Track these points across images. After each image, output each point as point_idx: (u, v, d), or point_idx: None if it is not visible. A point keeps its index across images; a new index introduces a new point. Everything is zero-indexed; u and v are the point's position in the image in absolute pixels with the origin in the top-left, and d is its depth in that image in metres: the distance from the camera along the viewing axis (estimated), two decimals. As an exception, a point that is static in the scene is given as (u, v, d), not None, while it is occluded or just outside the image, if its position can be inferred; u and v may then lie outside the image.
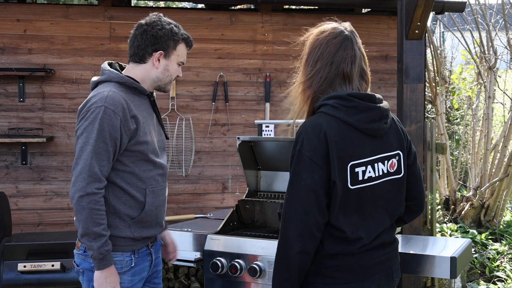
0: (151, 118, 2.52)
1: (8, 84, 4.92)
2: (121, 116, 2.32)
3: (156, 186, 2.48)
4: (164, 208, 2.59)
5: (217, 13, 5.26)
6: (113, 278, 2.35)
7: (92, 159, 2.28)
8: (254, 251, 2.86)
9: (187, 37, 2.52)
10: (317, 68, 2.02)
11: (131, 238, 2.42)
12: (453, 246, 2.79)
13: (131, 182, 2.40)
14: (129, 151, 2.38)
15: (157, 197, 2.49)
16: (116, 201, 2.38)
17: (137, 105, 2.42)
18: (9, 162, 4.91)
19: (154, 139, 2.49)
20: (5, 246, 3.84)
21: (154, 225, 2.51)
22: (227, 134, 5.24)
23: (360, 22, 5.28)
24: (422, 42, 3.90)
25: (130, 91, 2.43)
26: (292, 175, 1.94)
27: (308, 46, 2.07)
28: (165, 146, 2.62)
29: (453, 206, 6.90)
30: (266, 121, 5.18)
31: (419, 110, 3.86)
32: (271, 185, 3.45)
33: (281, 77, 5.30)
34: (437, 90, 6.90)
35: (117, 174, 2.37)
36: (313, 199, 1.91)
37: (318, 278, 1.98)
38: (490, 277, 5.31)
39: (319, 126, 1.93)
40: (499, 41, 7.31)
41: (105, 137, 2.29)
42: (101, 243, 2.29)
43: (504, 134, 6.64)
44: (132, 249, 2.44)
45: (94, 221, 2.28)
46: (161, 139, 2.59)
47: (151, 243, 2.55)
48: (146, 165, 2.43)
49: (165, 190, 2.57)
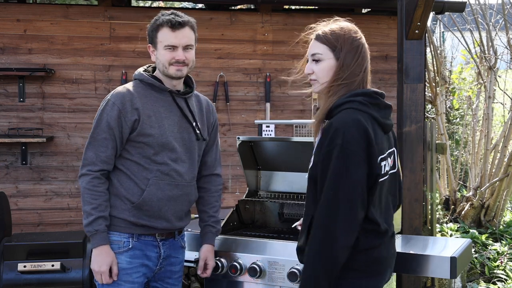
0: (172, 114, 2.58)
1: (8, 84, 4.92)
2: (120, 107, 2.49)
3: (163, 179, 2.55)
4: (174, 205, 2.60)
5: (217, 13, 5.26)
6: (103, 257, 2.48)
7: (89, 144, 2.52)
8: (254, 251, 2.86)
9: (167, 20, 2.56)
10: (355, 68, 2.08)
11: (128, 221, 2.53)
12: (453, 246, 2.79)
13: (135, 170, 2.54)
14: (134, 141, 2.52)
15: (162, 190, 2.55)
16: (119, 185, 2.54)
17: (151, 100, 2.54)
18: (9, 162, 4.91)
19: (168, 134, 2.54)
20: (5, 246, 3.84)
21: (156, 216, 2.56)
22: (227, 134, 5.24)
23: (360, 22, 5.22)
24: (422, 42, 3.90)
25: (149, 87, 2.57)
26: (336, 170, 1.95)
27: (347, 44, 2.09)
28: (195, 146, 2.65)
29: (453, 206, 6.90)
30: (266, 121, 5.18)
31: (419, 110, 3.86)
32: (271, 185, 3.45)
33: (281, 77, 5.30)
34: (437, 90, 6.90)
35: (123, 162, 2.55)
36: (359, 193, 1.96)
37: (350, 273, 2.02)
38: (490, 277, 5.31)
39: (359, 121, 1.98)
40: (499, 41, 7.30)
41: (103, 126, 2.50)
42: (89, 221, 2.47)
43: (504, 134, 6.63)
44: (129, 231, 2.55)
45: (84, 200, 2.49)
46: (187, 138, 2.62)
47: (159, 236, 2.61)
48: (153, 156, 2.52)
49: (178, 188, 2.59)
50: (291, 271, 2.72)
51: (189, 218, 2.76)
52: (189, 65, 2.59)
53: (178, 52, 2.54)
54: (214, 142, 2.81)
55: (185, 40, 2.57)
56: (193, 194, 2.70)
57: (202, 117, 2.72)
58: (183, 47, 2.55)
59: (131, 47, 5.03)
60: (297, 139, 3.31)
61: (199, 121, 2.67)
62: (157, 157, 2.53)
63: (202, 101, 2.76)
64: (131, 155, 2.54)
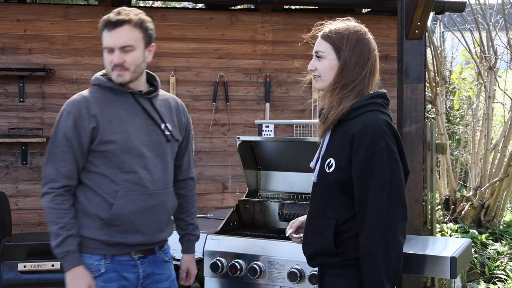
0: (136, 117, 2.35)
1: (8, 84, 4.92)
2: (75, 116, 2.29)
3: (134, 190, 2.31)
4: (149, 217, 2.36)
5: (217, 13, 5.26)
6: (79, 282, 2.25)
7: (48, 160, 2.31)
8: (254, 251, 2.86)
9: (105, 19, 2.32)
10: (358, 69, 2.08)
11: (100, 240, 2.31)
12: (453, 246, 2.79)
13: (101, 183, 2.31)
14: (96, 151, 2.31)
15: (133, 202, 2.31)
16: (86, 201, 2.32)
17: (111, 104, 2.33)
18: (9, 162, 4.91)
19: (133, 139, 2.32)
20: (5, 246, 3.84)
21: (130, 231, 2.32)
22: (227, 134, 5.24)
23: (360, 22, 5.27)
24: (422, 42, 3.90)
25: (109, 91, 2.35)
26: (385, 172, 1.95)
27: (350, 45, 2.09)
28: (166, 149, 2.42)
29: (453, 206, 6.90)
30: (266, 121, 5.18)
31: (419, 110, 3.86)
32: (271, 185, 3.45)
33: (281, 77, 5.30)
34: (437, 90, 6.89)
35: (88, 175, 2.33)
36: (405, 192, 2.00)
37: None
38: (490, 277, 5.31)
39: (390, 123, 2.02)
40: (499, 41, 7.30)
41: (60, 139, 2.29)
42: (57, 242, 2.25)
43: (504, 134, 6.63)
44: (102, 253, 2.32)
45: (50, 220, 2.28)
46: (157, 141, 2.39)
47: (136, 254, 2.37)
48: (119, 165, 2.30)
49: (152, 197, 2.36)
50: (291, 271, 2.72)
51: (171, 228, 2.51)
52: (131, 69, 2.31)
53: (114, 55, 2.28)
54: (188, 144, 2.59)
55: (122, 40, 2.28)
56: (170, 202, 2.46)
57: (172, 117, 2.48)
58: (119, 49, 2.28)
59: (131, 47, 5.03)
60: (297, 139, 3.31)
61: (168, 122, 2.44)
62: (124, 165, 2.30)
63: (170, 100, 2.52)
64: (96, 167, 2.32)
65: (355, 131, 1.98)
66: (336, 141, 2.07)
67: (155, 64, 5.09)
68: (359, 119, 2.02)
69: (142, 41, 2.33)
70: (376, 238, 1.93)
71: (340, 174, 2.02)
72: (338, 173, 2.02)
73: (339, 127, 2.07)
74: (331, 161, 2.05)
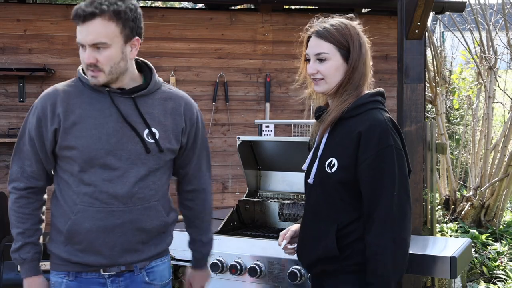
0: (110, 120, 1.99)
1: (8, 84, 4.92)
2: (40, 114, 1.99)
3: (92, 205, 1.98)
4: (112, 237, 2.01)
5: (217, 13, 5.26)
6: None
7: (14, 156, 2.07)
8: (254, 251, 2.86)
9: (73, 12, 1.93)
10: (365, 68, 2.03)
11: (62, 257, 2.04)
12: (453, 246, 2.79)
13: (66, 192, 2.02)
14: (60, 156, 2.02)
15: (91, 219, 1.98)
16: (54, 210, 2.07)
17: (85, 103, 1.99)
18: (9, 162, 4.90)
19: (99, 147, 1.97)
20: (5, 246, 3.84)
21: (89, 251, 2.01)
22: (227, 134, 5.24)
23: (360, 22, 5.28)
24: (422, 42, 3.90)
25: (87, 87, 2.02)
26: (395, 170, 1.91)
27: (355, 43, 2.00)
28: (145, 160, 2.03)
29: (453, 206, 6.90)
30: (266, 121, 5.18)
31: (419, 110, 3.86)
32: (271, 185, 3.45)
33: (281, 77, 5.30)
34: (437, 90, 6.89)
35: (57, 179, 2.07)
36: (410, 191, 1.96)
37: None
38: (490, 277, 5.31)
39: (394, 122, 1.98)
40: (499, 41, 7.30)
41: (26, 135, 2.03)
42: (15, 248, 2.03)
43: (504, 134, 6.63)
44: (66, 269, 2.04)
45: (11, 222, 2.06)
46: (133, 150, 2.01)
47: (106, 272, 2.05)
48: (79, 176, 1.99)
49: (115, 215, 2.00)
50: (291, 271, 2.72)
51: (156, 246, 2.14)
52: (106, 70, 1.95)
53: (85, 53, 1.94)
54: (193, 150, 2.19)
55: (92, 36, 1.91)
56: (147, 220, 2.06)
57: (165, 121, 2.07)
58: (91, 46, 1.92)
59: (131, 47, 5.03)
60: (297, 139, 3.31)
61: (157, 127, 2.05)
62: (84, 176, 1.98)
63: (171, 99, 2.12)
64: (63, 172, 2.03)
65: (362, 129, 1.91)
66: (337, 140, 1.98)
67: (155, 64, 5.08)
68: (362, 117, 1.95)
69: (119, 36, 1.94)
70: (388, 238, 1.88)
71: (344, 174, 1.94)
72: (341, 173, 1.94)
73: (339, 126, 1.99)
74: (332, 160, 1.96)
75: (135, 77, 2.07)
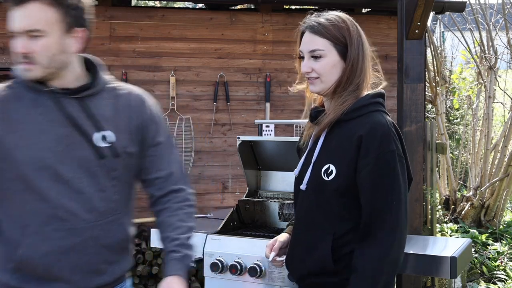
0: (55, 125, 1.72)
1: (8, 84, 4.91)
2: None
3: (49, 224, 1.69)
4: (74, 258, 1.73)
5: (217, 13, 5.26)
6: None
7: None
8: (254, 251, 2.86)
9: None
10: (365, 64, 1.89)
11: (9, 285, 1.74)
12: (453, 246, 2.79)
13: (9, 213, 1.73)
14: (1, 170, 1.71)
15: (48, 240, 1.70)
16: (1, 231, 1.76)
17: (25, 106, 1.73)
18: None
19: (45, 156, 1.69)
20: None
21: (48, 278, 1.72)
22: (228, 134, 5.24)
23: (360, 22, 5.22)
24: (422, 42, 3.90)
25: (24, 88, 1.79)
26: (394, 177, 1.77)
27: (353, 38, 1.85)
28: (100, 167, 1.75)
29: (453, 206, 6.90)
30: (266, 121, 5.18)
31: (419, 110, 3.86)
32: (271, 185, 3.45)
33: (281, 77, 5.30)
34: (437, 90, 6.90)
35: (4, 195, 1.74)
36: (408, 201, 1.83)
37: None
38: (490, 277, 5.31)
39: (396, 126, 1.84)
40: (499, 41, 7.31)
41: None
42: None
43: (504, 134, 6.64)
44: None
45: None
46: (82, 157, 1.73)
47: None
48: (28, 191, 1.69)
49: (75, 233, 1.72)
50: (291, 271, 2.72)
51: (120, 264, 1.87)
52: (42, 62, 1.70)
53: (18, 42, 1.71)
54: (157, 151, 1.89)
55: (26, 22, 1.67)
56: (109, 235, 1.79)
57: (117, 120, 1.81)
58: (24, 33, 1.69)
59: (131, 47, 5.03)
60: (297, 139, 3.30)
61: (110, 128, 1.78)
62: (33, 191, 1.69)
63: (122, 97, 1.86)
64: (5, 190, 1.73)
65: (363, 133, 1.76)
66: (335, 144, 1.84)
67: (155, 64, 5.10)
68: (363, 119, 1.80)
69: (58, 24, 1.70)
70: (387, 247, 1.75)
71: (342, 182, 1.79)
72: (339, 181, 1.79)
73: (336, 128, 1.85)
74: (330, 167, 1.81)
75: (79, 75, 1.81)
